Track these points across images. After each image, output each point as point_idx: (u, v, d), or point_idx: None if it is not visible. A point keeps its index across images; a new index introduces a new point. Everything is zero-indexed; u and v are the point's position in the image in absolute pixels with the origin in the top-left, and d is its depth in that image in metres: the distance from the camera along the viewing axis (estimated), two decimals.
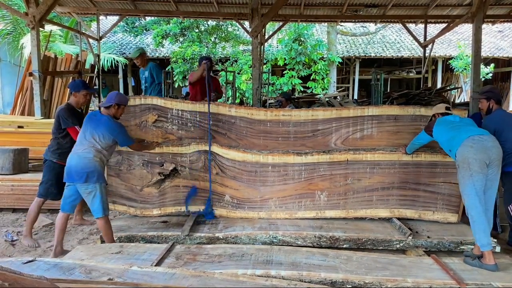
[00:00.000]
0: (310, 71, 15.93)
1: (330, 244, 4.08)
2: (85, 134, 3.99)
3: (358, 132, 4.68)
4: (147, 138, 4.79)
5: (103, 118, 4.03)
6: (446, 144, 3.82)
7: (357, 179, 4.63)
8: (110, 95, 4.15)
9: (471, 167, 3.47)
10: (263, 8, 9.23)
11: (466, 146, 3.52)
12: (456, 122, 3.86)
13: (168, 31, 15.73)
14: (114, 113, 4.12)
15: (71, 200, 4.02)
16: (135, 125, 4.83)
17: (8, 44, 13.67)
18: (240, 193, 4.74)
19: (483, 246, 3.46)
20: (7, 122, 6.98)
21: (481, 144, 3.50)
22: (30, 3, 7.50)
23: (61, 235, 4.05)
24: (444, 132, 3.84)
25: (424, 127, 4.20)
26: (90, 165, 3.83)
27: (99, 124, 3.98)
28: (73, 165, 3.86)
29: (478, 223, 3.48)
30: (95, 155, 3.87)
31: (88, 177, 3.82)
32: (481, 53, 7.96)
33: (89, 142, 3.92)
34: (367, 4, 10.40)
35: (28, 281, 2.11)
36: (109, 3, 10.59)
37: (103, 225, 3.93)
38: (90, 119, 4.06)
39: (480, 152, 3.46)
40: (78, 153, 3.91)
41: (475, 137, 3.56)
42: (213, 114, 4.73)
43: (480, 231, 3.47)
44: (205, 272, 3.07)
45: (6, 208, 5.55)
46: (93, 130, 3.96)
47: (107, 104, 4.08)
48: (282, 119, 4.73)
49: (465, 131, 3.66)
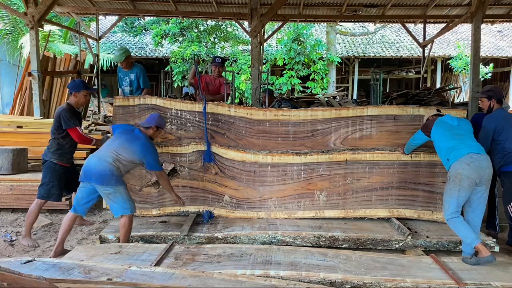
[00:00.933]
0: (309, 71, 15.93)
1: (329, 244, 4.09)
2: (113, 143, 4.03)
3: (357, 132, 4.69)
4: None
5: (141, 135, 4.08)
6: (444, 152, 3.83)
7: (356, 179, 4.63)
8: (151, 116, 4.26)
9: (462, 184, 3.55)
10: (262, 8, 9.23)
11: (463, 162, 3.58)
12: (455, 127, 3.85)
13: (167, 31, 15.73)
14: (152, 134, 4.20)
15: (85, 202, 4.00)
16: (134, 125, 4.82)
17: (7, 44, 13.66)
18: (239, 193, 4.74)
19: (472, 242, 3.52)
20: (6, 122, 6.97)
21: (478, 163, 3.57)
22: (29, 3, 7.48)
23: (65, 235, 4.05)
24: (444, 139, 3.83)
25: (421, 127, 4.19)
26: (108, 168, 3.83)
27: (135, 140, 4.03)
28: (91, 166, 3.87)
29: (459, 225, 3.61)
30: (114, 162, 3.88)
31: (107, 179, 3.82)
32: (480, 53, 7.96)
33: (114, 151, 3.93)
34: (366, 4, 10.40)
35: (27, 281, 2.11)
36: (108, 3, 10.58)
37: (122, 224, 3.94)
38: (126, 133, 4.11)
39: (474, 172, 3.54)
40: (98, 156, 3.93)
41: (474, 155, 3.60)
42: (212, 114, 4.73)
43: (464, 231, 3.58)
44: (204, 272, 3.07)
45: (5, 208, 5.55)
46: (126, 142, 3.99)
47: (147, 125, 4.15)
48: (281, 119, 4.73)
49: (465, 145, 3.69)
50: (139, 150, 3.99)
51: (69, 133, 4.48)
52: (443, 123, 3.93)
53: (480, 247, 3.48)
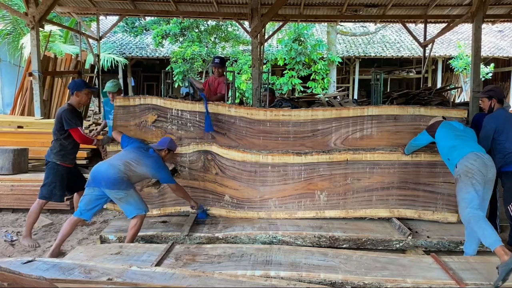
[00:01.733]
0: (310, 71, 15.93)
1: (330, 244, 4.08)
2: (127, 155, 4.09)
3: (358, 132, 4.68)
4: (146, 138, 4.80)
5: (154, 155, 4.20)
6: (446, 151, 3.84)
7: (357, 179, 4.63)
8: (164, 140, 4.39)
9: (475, 177, 3.50)
10: (263, 8, 9.23)
11: (469, 159, 3.58)
12: (460, 131, 3.89)
13: (168, 31, 15.74)
14: (163, 156, 4.29)
15: (92, 207, 4.02)
16: (135, 125, 4.83)
17: (8, 44, 13.67)
18: (240, 193, 4.73)
19: (494, 243, 3.21)
20: (6, 122, 6.98)
21: (482, 161, 3.57)
22: (29, 3, 7.50)
23: (64, 238, 4.06)
24: (448, 138, 3.84)
25: (426, 128, 4.19)
26: (119, 174, 3.88)
27: (149, 157, 4.14)
28: (102, 171, 3.90)
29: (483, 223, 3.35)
30: (126, 171, 3.93)
31: (118, 184, 3.87)
32: (481, 53, 7.95)
33: (128, 162, 3.99)
34: (366, 4, 10.40)
35: (27, 281, 2.11)
36: (109, 3, 10.59)
37: (133, 224, 3.98)
38: (140, 149, 4.20)
39: (483, 167, 3.54)
40: (110, 163, 3.98)
41: (478, 153, 3.62)
42: (213, 114, 4.73)
43: (487, 229, 3.30)
44: (204, 272, 3.07)
45: (6, 208, 5.55)
46: (141, 158, 4.08)
47: (160, 148, 4.29)
48: (282, 119, 4.73)
49: (468, 145, 3.70)
50: (152, 166, 4.09)
51: (71, 133, 4.48)
52: (449, 125, 3.97)
53: (502, 251, 3.13)
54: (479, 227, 3.34)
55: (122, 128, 4.82)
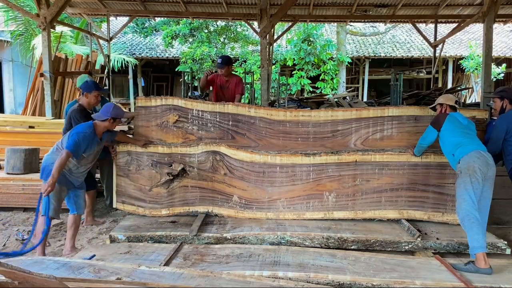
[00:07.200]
0: (319, 71, 15.90)
1: (338, 245, 4.06)
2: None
3: (378, 132, 4.67)
4: (168, 139, 4.84)
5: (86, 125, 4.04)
6: (450, 147, 3.85)
7: (366, 180, 4.61)
8: (107, 108, 4.03)
9: (475, 175, 3.55)
10: (272, 8, 9.24)
11: (473, 156, 3.63)
12: (465, 126, 3.90)
13: (178, 31, 15.80)
14: (109, 126, 4.10)
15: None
16: (156, 126, 4.87)
17: (20, 45, 13.85)
18: (248, 193, 4.74)
19: (479, 248, 3.41)
20: (18, 122, 7.06)
21: (485, 159, 3.62)
22: (41, 4, 7.59)
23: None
24: (453, 134, 3.84)
25: (431, 122, 4.13)
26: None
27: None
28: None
29: (476, 224, 3.48)
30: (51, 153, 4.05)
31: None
32: (493, 53, 7.89)
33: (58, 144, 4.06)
34: (376, 4, 10.36)
35: (38, 280, 2.13)
36: (119, 4, 10.68)
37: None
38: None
39: (484, 166, 3.58)
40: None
41: (481, 152, 3.68)
42: (232, 115, 4.76)
43: (478, 233, 3.46)
44: (212, 272, 3.08)
45: (18, 207, 5.62)
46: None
47: (103, 118, 4.01)
48: (302, 120, 4.73)
49: (472, 143, 3.74)
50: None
51: None
52: (455, 119, 3.94)
53: (482, 257, 3.38)
54: (471, 228, 3.50)
55: (144, 128, 4.87)
